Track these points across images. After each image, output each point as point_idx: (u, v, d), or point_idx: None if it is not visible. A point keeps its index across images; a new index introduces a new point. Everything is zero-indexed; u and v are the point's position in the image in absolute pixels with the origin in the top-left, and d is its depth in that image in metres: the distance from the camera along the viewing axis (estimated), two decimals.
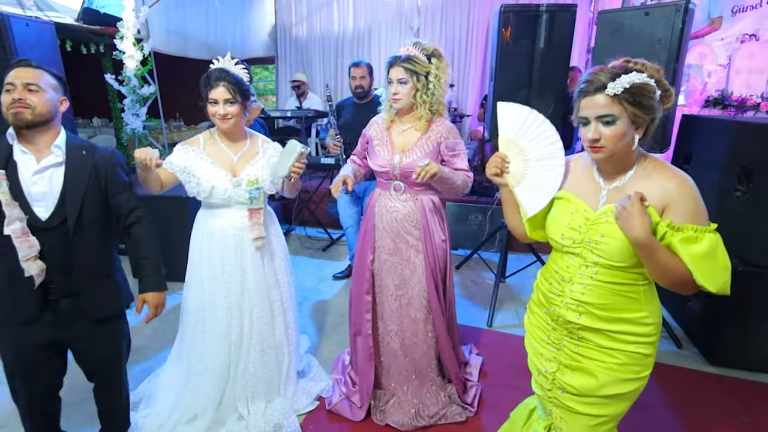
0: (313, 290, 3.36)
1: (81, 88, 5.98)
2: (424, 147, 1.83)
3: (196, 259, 1.86)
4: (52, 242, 1.42)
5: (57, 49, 2.71)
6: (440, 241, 1.93)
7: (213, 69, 1.76)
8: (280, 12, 6.39)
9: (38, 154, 1.42)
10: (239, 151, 1.85)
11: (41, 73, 1.43)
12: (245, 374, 1.92)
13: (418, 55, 1.75)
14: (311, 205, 4.51)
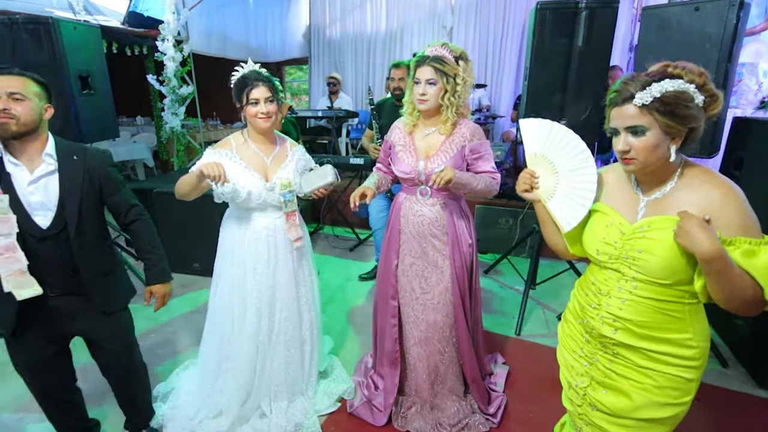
0: (338, 290, 3.37)
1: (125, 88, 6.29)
2: (448, 151, 1.78)
3: (227, 259, 1.88)
4: (53, 248, 1.45)
5: (102, 51, 2.84)
6: (467, 245, 1.89)
7: (248, 72, 1.78)
8: (314, 13, 6.47)
9: (30, 164, 1.43)
10: (271, 154, 1.86)
11: (25, 81, 1.41)
12: (270, 373, 1.94)
13: (447, 55, 1.71)
14: (340, 205, 4.53)
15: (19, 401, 2.12)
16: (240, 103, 1.76)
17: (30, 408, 2.06)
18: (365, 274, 3.57)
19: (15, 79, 1.39)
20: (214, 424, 1.92)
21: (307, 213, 4.70)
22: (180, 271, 3.43)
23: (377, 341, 2.12)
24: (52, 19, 2.44)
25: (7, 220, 1.35)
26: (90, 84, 2.73)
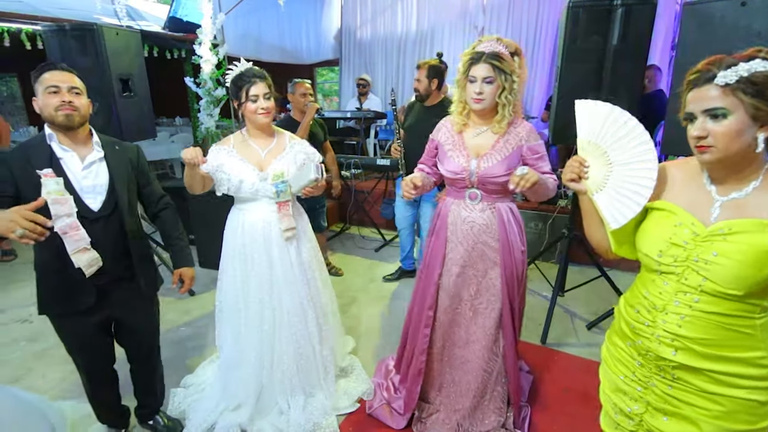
0: (362, 290, 3.37)
1: (165, 90, 6.55)
2: (502, 151, 1.69)
3: (229, 253, 1.93)
4: (105, 230, 1.56)
5: (141, 55, 2.97)
6: (519, 253, 1.78)
7: (245, 69, 1.82)
8: (345, 15, 6.53)
9: (80, 152, 1.56)
10: (267, 147, 1.90)
11: (75, 77, 1.55)
12: (281, 366, 1.96)
13: (504, 51, 1.61)
14: (366, 206, 4.55)
15: (62, 384, 2.25)
16: (238, 100, 1.80)
17: (71, 392, 2.19)
18: (389, 275, 3.56)
19: (71, 76, 1.53)
20: (234, 416, 1.97)
21: (334, 213, 4.75)
22: (211, 266, 3.54)
23: (405, 346, 2.08)
24: (96, 25, 2.57)
25: (65, 200, 1.45)
26: (130, 86, 2.86)
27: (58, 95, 1.47)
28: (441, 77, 2.88)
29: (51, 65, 1.51)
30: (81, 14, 4.65)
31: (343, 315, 2.98)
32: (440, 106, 2.90)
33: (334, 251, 4.15)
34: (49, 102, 1.46)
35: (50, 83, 1.47)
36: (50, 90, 1.47)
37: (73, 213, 1.46)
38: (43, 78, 1.48)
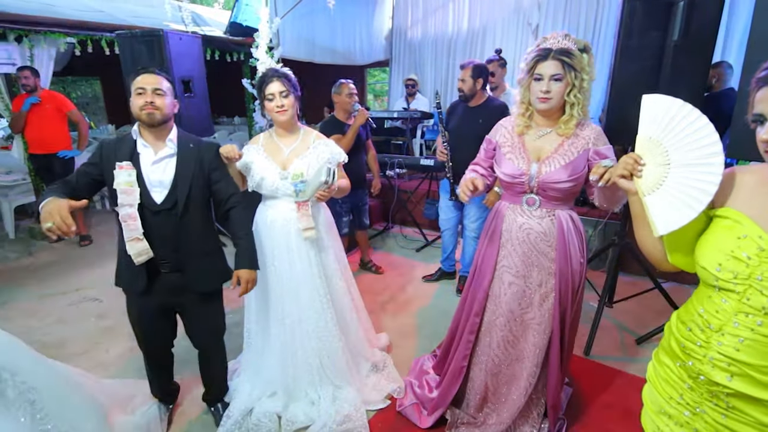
0: (400, 290, 3.39)
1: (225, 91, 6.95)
2: (567, 154, 1.59)
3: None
4: (163, 223, 1.67)
5: (202, 58, 3.19)
6: (578, 264, 1.69)
7: (266, 69, 1.92)
8: (397, 15, 6.57)
9: (155, 147, 1.68)
10: (290, 146, 1.96)
11: (162, 80, 1.67)
12: (305, 358, 2.02)
13: (573, 47, 1.52)
14: (409, 206, 4.56)
15: (122, 359, 2.47)
16: (261, 100, 1.88)
17: (129, 366, 2.39)
18: (429, 275, 3.55)
19: (155, 77, 1.65)
20: (270, 402, 2.06)
21: (377, 212, 4.81)
22: None
23: (446, 349, 2.05)
24: (162, 31, 2.80)
25: (132, 192, 1.60)
26: (191, 87, 3.08)
27: (143, 96, 1.61)
28: (485, 77, 2.83)
29: (144, 69, 1.67)
30: (153, 21, 5.06)
31: (380, 313, 3.02)
32: (484, 107, 2.85)
33: (375, 249, 4.20)
34: (135, 102, 1.62)
35: (139, 85, 1.62)
36: (138, 91, 1.62)
37: (134, 204, 1.60)
38: (136, 80, 1.64)
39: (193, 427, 2.03)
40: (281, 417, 2.02)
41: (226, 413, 2.01)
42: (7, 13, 3.95)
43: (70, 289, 3.41)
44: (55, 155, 4.07)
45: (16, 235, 4.57)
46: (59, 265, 3.89)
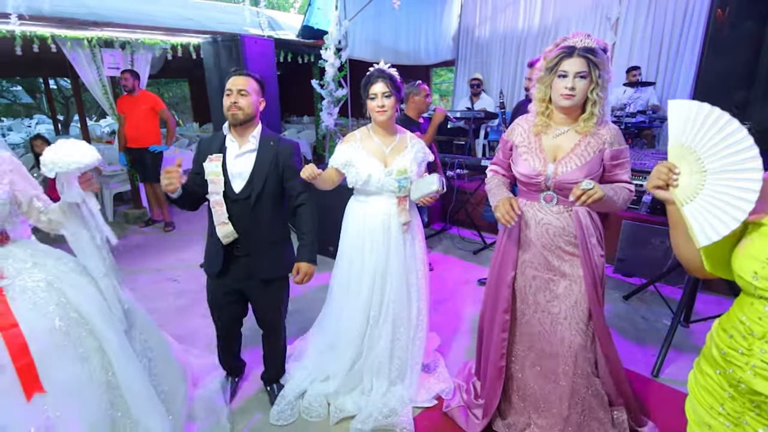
0: (454, 292, 3.36)
1: (296, 91, 7.31)
2: (583, 154, 1.61)
3: (347, 241, 2.09)
4: (240, 210, 1.83)
5: (274, 61, 3.40)
6: (599, 256, 1.70)
7: (373, 70, 1.96)
8: (465, 14, 6.48)
9: (240, 142, 1.84)
10: (390, 144, 2.01)
11: (248, 80, 1.81)
12: (377, 348, 2.07)
13: (597, 47, 1.54)
14: (468, 207, 4.48)
15: (193, 335, 2.71)
16: (364, 98, 1.94)
17: (198, 342, 2.62)
18: (485, 278, 3.46)
19: (242, 79, 1.80)
20: (323, 386, 2.15)
21: (435, 212, 4.78)
22: (321, 252, 3.87)
23: (481, 352, 2.04)
24: (240, 36, 3.02)
25: (218, 181, 1.79)
26: (263, 88, 3.29)
27: (229, 97, 1.78)
28: None
29: (235, 71, 1.83)
30: (235, 27, 5.47)
31: (432, 312, 3.00)
32: None
33: (431, 250, 4.19)
34: (224, 103, 1.79)
35: (228, 87, 1.79)
36: (226, 93, 1.79)
37: (220, 192, 1.78)
38: (227, 82, 1.80)
39: (251, 402, 2.17)
40: (330, 404, 2.10)
41: (281, 394, 2.14)
42: (115, 23, 4.49)
43: (153, 268, 3.80)
44: (147, 149, 4.55)
45: (114, 218, 5.18)
46: (146, 246, 4.35)
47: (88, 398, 1.37)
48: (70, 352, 1.36)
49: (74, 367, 1.36)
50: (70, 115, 12.59)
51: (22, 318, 1.31)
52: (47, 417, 1.29)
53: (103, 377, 1.43)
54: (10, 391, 1.25)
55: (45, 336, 1.33)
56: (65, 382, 1.33)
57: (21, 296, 1.35)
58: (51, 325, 1.35)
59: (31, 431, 1.26)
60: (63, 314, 1.38)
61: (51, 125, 11.45)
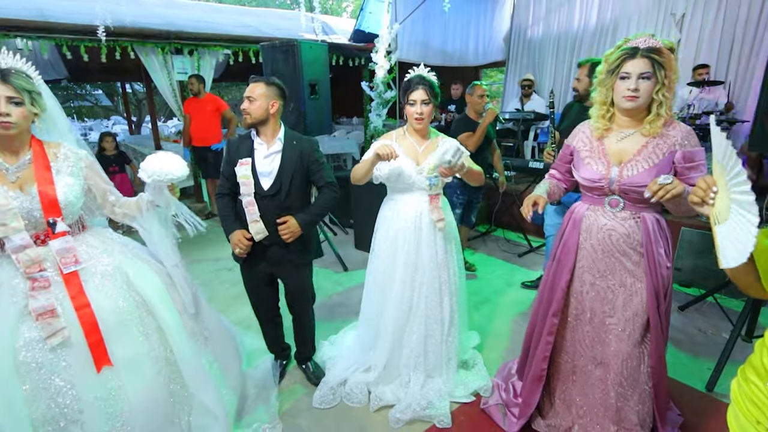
0: (497, 293, 3.34)
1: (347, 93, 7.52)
2: (651, 157, 1.55)
3: (381, 237, 2.18)
4: (269, 205, 1.97)
5: (327, 64, 3.55)
6: (665, 268, 1.63)
7: (414, 75, 2.02)
8: (517, 14, 6.37)
9: (267, 143, 1.98)
10: (423, 145, 2.08)
11: (255, 86, 1.94)
12: (410, 343, 2.14)
13: (661, 46, 1.49)
14: (515, 210, 4.42)
15: (247, 320, 2.91)
16: (403, 101, 2.01)
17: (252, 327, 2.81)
18: (529, 281, 3.43)
19: (252, 86, 1.93)
20: (364, 376, 2.25)
21: (481, 213, 4.76)
22: (364, 248, 4.00)
23: (526, 352, 2.04)
24: (296, 41, 3.20)
25: (249, 183, 1.95)
26: (316, 90, 3.46)
27: (244, 104, 1.94)
28: None
29: (252, 79, 1.98)
30: (291, 33, 5.75)
31: (475, 312, 3.03)
32: None
33: (476, 251, 4.19)
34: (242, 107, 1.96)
35: (245, 94, 1.95)
36: (245, 97, 1.95)
37: (251, 193, 1.94)
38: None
39: (297, 385, 2.32)
40: (371, 392, 2.19)
41: (323, 380, 2.26)
42: (186, 32, 4.89)
43: (212, 258, 4.11)
44: (209, 148, 4.91)
45: None
46: (207, 238, 4.66)
47: (148, 371, 1.51)
48: (132, 330, 1.51)
49: (136, 343, 1.51)
50: (142, 116, 13.71)
51: (92, 298, 1.45)
52: (112, 387, 1.44)
53: (162, 354, 1.57)
54: (83, 364, 1.40)
55: (111, 315, 1.47)
56: (128, 357, 1.48)
57: (92, 279, 1.48)
58: (116, 305, 1.49)
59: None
60: (126, 296, 1.53)
61: (126, 126, 12.55)
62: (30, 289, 1.37)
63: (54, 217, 1.41)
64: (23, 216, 1.37)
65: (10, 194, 1.37)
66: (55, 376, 1.36)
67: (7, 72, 1.36)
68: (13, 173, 1.41)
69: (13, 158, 1.42)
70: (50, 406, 1.34)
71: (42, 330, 1.35)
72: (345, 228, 4.52)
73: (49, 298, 1.37)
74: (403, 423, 2.02)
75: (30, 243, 1.38)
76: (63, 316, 1.38)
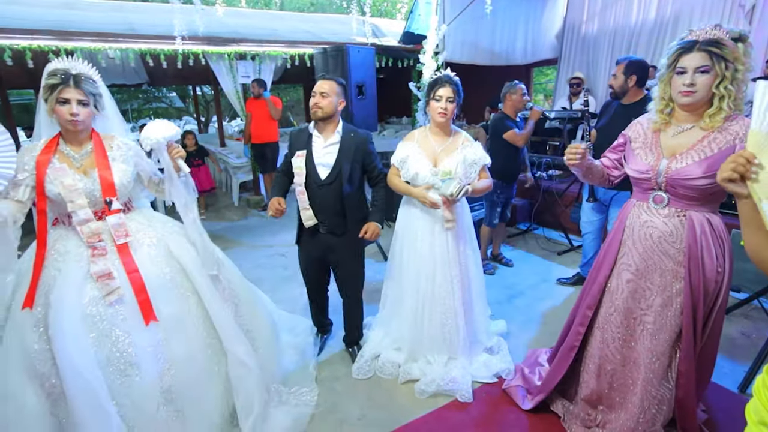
0: (532, 287, 3.41)
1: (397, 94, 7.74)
2: (705, 150, 1.50)
3: (400, 230, 2.37)
4: (326, 194, 2.18)
5: (373, 66, 3.78)
6: (713, 273, 1.57)
7: (441, 75, 2.17)
8: (571, 10, 6.24)
9: (325, 136, 2.20)
10: (443, 144, 2.23)
11: (330, 83, 2.14)
12: (429, 329, 2.31)
13: (724, 37, 1.43)
14: (557, 208, 4.42)
15: (295, 301, 3.23)
16: (428, 98, 2.17)
17: (297, 307, 3.12)
18: (565, 278, 3.46)
19: (325, 83, 2.14)
20: (394, 354, 2.46)
21: (522, 211, 4.79)
22: None
23: (560, 341, 2.07)
24: (346, 46, 3.47)
25: (302, 173, 2.16)
26: (363, 91, 3.71)
27: (313, 98, 2.16)
28: (642, 74, 2.64)
29: (321, 76, 2.20)
30: (344, 37, 6.07)
31: (506, 303, 3.14)
32: (640, 104, 2.67)
33: (514, 248, 4.24)
34: (310, 102, 2.18)
35: (313, 90, 2.17)
36: (312, 94, 2.18)
37: (302, 183, 2.16)
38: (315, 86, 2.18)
39: (335, 358, 2.57)
40: (400, 367, 2.40)
41: (360, 353, 2.50)
42: (249, 39, 5.36)
43: (267, 244, 4.51)
44: (267, 145, 5.35)
45: (238, 203, 6.15)
46: (262, 227, 5.13)
47: (188, 326, 1.79)
48: (173, 291, 1.77)
49: (177, 302, 1.77)
50: (209, 116, 14.86)
51: (140, 265, 1.70)
52: (159, 338, 1.69)
53: (200, 312, 1.83)
54: (134, 318, 1.65)
55: (155, 279, 1.72)
56: (171, 314, 1.74)
57: (139, 249, 1.74)
58: (160, 271, 1.75)
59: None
60: (168, 263, 1.79)
61: (195, 125, 13.68)
62: (91, 255, 1.63)
63: (110, 196, 1.67)
64: (86, 195, 1.63)
65: (76, 177, 1.64)
66: (114, 327, 1.62)
67: (78, 77, 1.61)
68: (78, 160, 1.68)
69: (78, 148, 1.69)
70: (112, 351, 1.60)
71: (101, 289, 1.61)
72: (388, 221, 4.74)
73: (106, 263, 1.64)
74: (428, 395, 2.21)
75: (91, 217, 1.64)
76: (118, 279, 1.64)
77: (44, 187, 1.59)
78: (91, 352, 1.56)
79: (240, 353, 1.87)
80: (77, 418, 1.51)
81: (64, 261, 1.64)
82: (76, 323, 1.56)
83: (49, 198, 1.62)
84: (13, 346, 1.58)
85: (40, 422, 1.54)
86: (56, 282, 1.60)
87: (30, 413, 1.54)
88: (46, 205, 1.63)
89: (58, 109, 1.59)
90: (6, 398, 1.54)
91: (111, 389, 1.58)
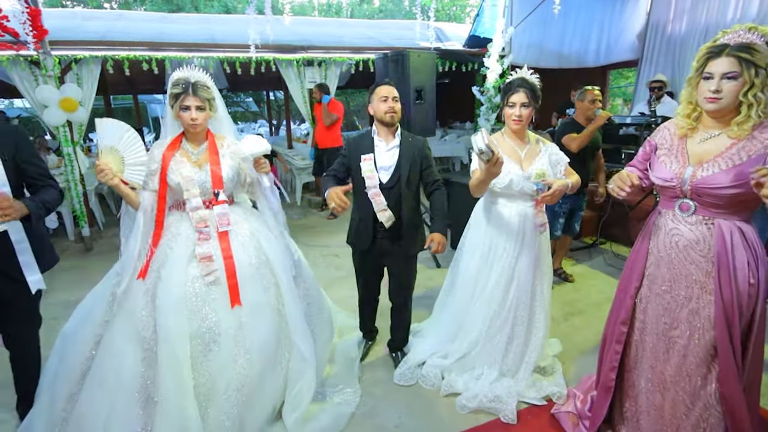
0: (594, 305, 3.17)
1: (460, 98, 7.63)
2: (733, 158, 1.43)
3: (476, 236, 2.25)
4: (387, 197, 2.18)
5: (433, 71, 3.76)
6: (745, 284, 1.48)
7: (514, 77, 2.06)
8: (656, 8, 5.74)
9: (386, 140, 2.22)
10: (525, 148, 2.12)
11: (395, 90, 2.18)
12: (493, 342, 2.22)
13: (757, 41, 1.36)
14: (630, 222, 4.06)
15: (344, 301, 3.28)
16: (502, 103, 2.08)
17: (346, 307, 3.17)
18: None
19: (392, 89, 2.18)
20: (440, 361, 2.39)
21: (588, 225, 4.47)
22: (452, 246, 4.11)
23: (599, 360, 1.97)
24: (406, 51, 3.48)
25: (373, 176, 2.17)
26: (422, 95, 3.69)
27: (386, 103, 2.16)
28: None
29: (384, 81, 2.23)
30: (408, 42, 6.11)
31: (564, 323, 2.95)
32: None
33: (578, 262, 3.98)
34: (379, 107, 2.17)
35: (382, 94, 2.17)
36: (381, 99, 2.17)
37: (376, 185, 2.17)
38: (378, 90, 2.20)
39: (378, 362, 2.58)
40: (444, 377, 2.33)
41: (404, 359, 2.48)
42: (316, 46, 5.59)
43: (323, 244, 4.65)
44: (326, 149, 5.53)
45: (300, 203, 6.42)
46: (319, 227, 5.30)
47: (266, 315, 1.92)
48: (257, 282, 1.91)
49: (259, 292, 1.91)
50: (281, 120, 15.70)
51: (234, 252, 1.88)
52: (241, 322, 1.85)
53: (277, 305, 1.98)
54: (223, 300, 1.83)
55: (245, 268, 1.89)
56: (253, 302, 1.89)
57: (235, 238, 1.92)
58: (249, 261, 1.91)
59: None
60: (257, 255, 1.96)
61: (268, 128, 14.54)
62: (197, 239, 1.84)
63: (218, 188, 1.89)
64: (199, 186, 1.86)
65: (193, 170, 1.87)
66: (206, 305, 1.79)
67: (196, 86, 1.82)
68: (195, 156, 1.92)
69: (196, 146, 1.94)
70: (200, 326, 1.77)
71: (202, 269, 1.81)
72: None
73: (209, 247, 1.83)
74: (469, 410, 2.13)
75: (201, 206, 1.86)
76: (216, 262, 1.83)
77: (167, 176, 1.85)
78: (185, 326, 1.74)
79: (304, 349, 2.00)
80: (161, 383, 1.70)
81: (176, 241, 1.86)
82: (179, 297, 1.76)
83: (170, 186, 1.87)
84: (125, 310, 1.79)
85: (133, 382, 1.74)
86: (168, 258, 1.82)
87: (127, 372, 1.73)
88: (167, 192, 1.88)
89: (181, 114, 1.84)
90: (112, 355, 1.75)
91: (193, 362, 1.75)
